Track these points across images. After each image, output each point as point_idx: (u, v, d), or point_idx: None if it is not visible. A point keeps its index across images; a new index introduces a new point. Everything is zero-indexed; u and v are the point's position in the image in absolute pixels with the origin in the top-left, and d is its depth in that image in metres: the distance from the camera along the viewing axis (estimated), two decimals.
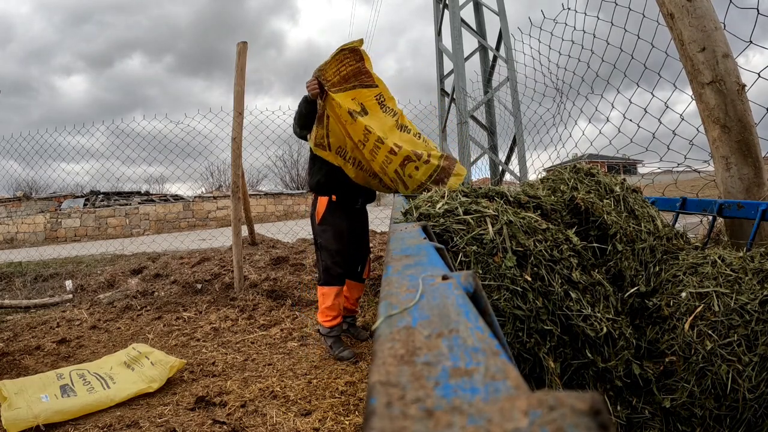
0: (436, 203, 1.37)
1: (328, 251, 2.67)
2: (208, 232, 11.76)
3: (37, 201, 14.00)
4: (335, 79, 2.43)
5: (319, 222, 2.70)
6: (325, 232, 2.68)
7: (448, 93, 6.26)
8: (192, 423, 2.02)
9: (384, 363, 0.31)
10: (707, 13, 2.29)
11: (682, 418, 1.30)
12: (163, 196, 15.23)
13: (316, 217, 2.71)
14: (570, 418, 0.22)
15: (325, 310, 2.66)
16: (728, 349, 1.27)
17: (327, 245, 2.67)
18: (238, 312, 3.71)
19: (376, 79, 2.55)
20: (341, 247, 2.69)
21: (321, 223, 2.69)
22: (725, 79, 2.25)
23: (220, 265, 4.83)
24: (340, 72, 2.44)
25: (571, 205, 1.74)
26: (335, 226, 2.68)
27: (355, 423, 1.95)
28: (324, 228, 2.68)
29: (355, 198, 2.74)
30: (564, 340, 1.23)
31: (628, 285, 1.59)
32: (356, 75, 2.48)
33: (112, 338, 3.36)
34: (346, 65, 2.45)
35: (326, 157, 2.55)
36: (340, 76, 2.44)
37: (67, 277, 5.37)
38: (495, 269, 1.18)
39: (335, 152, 2.54)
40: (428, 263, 0.60)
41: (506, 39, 5.66)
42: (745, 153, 2.27)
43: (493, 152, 6.04)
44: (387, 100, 2.56)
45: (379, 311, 0.43)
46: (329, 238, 2.67)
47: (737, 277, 1.40)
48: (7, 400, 2.11)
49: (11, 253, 9.40)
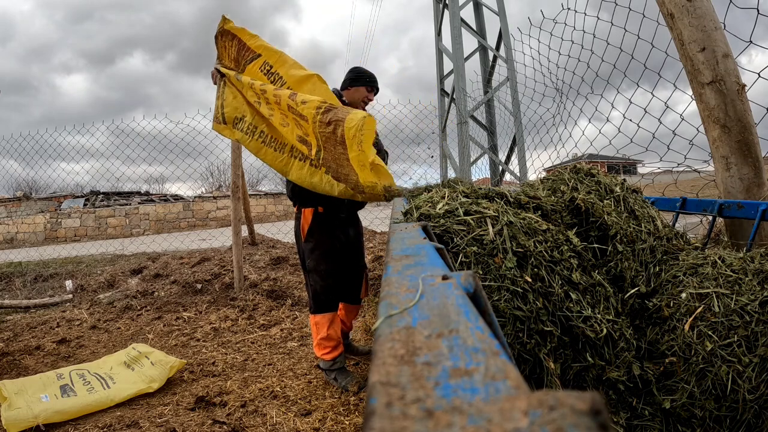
0: (436, 204, 1.37)
1: (318, 273, 2.33)
2: (208, 232, 11.77)
3: (37, 201, 14.00)
4: (231, 65, 2.35)
5: (305, 238, 2.35)
6: (314, 251, 2.34)
7: (448, 93, 6.26)
8: (192, 423, 2.02)
9: (384, 363, 0.31)
10: (707, 13, 2.29)
11: (682, 419, 1.30)
12: (163, 196, 15.24)
13: (302, 233, 2.36)
14: (570, 418, 0.22)
15: (322, 341, 2.32)
16: (728, 349, 1.27)
17: (316, 266, 2.33)
18: (238, 312, 3.71)
19: (259, 47, 2.29)
20: (332, 268, 2.35)
21: (307, 239, 2.34)
22: (725, 79, 2.25)
23: (220, 265, 4.83)
24: (230, 56, 2.35)
25: (571, 206, 1.74)
26: (324, 244, 2.34)
27: (355, 423, 1.95)
28: (311, 246, 2.34)
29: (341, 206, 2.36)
30: (564, 341, 1.23)
31: (629, 286, 1.59)
32: (239, 52, 2.34)
33: (112, 338, 3.36)
34: (228, 47, 2.35)
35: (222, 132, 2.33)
36: (230, 59, 2.35)
37: (67, 277, 5.37)
38: (495, 270, 1.19)
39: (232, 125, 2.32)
40: (428, 263, 0.60)
41: (506, 39, 5.67)
42: (745, 153, 2.27)
43: (493, 152, 6.04)
44: (275, 65, 2.27)
45: (379, 311, 0.43)
46: (318, 258, 2.33)
47: (737, 277, 1.40)
48: (7, 400, 2.11)
49: (11, 253, 9.40)
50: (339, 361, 2.35)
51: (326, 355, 2.33)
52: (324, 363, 2.37)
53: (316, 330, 2.36)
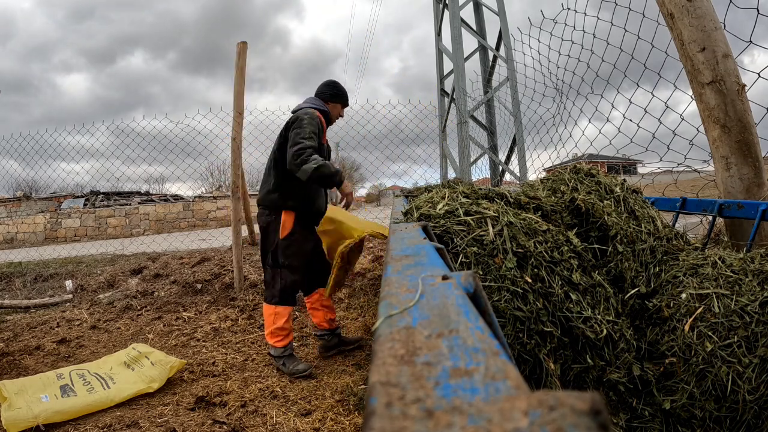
0: (436, 204, 1.37)
1: (290, 269, 2.54)
2: (208, 232, 11.77)
3: (37, 201, 14.00)
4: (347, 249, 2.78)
5: (284, 236, 2.54)
6: (289, 248, 2.55)
7: (448, 93, 6.27)
8: (192, 423, 2.02)
9: (384, 363, 0.31)
10: (707, 13, 2.29)
11: (682, 419, 1.30)
12: (163, 196, 15.24)
13: (281, 232, 2.55)
14: (570, 418, 0.22)
15: (277, 330, 2.53)
16: (728, 350, 1.27)
17: (290, 262, 2.54)
18: (238, 312, 3.71)
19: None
20: (304, 266, 2.60)
21: (287, 237, 2.54)
22: (725, 79, 2.25)
23: (220, 265, 4.83)
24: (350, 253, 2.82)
25: (571, 206, 1.74)
26: (300, 244, 2.58)
27: (355, 423, 1.95)
28: (288, 243, 2.54)
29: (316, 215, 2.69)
30: (564, 341, 1.23)
31: (629, 286, 1.59)
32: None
33: (112, 338, 3.36)
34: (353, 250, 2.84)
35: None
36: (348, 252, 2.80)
37: (67, 277, 5.37)
38: (495, 270, 1.19)
39: None
40: (428, 263, 0.60)
41: (506, 39, 5.67)
42: (745, 153, 2.27)
43: (493, 152, 6.05)
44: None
45: (379, 311, 0.43)
46: (293, 254, 2.55)
47: (737, 278, 1.40)
48: (7, 400, 2.11)
49: (11, 253, 9.40)
50: (288, 348, 2.59)
51: (278, 343, 2.56)
52: (275, 350, 2.57)
53: (273, 320, 2.56)
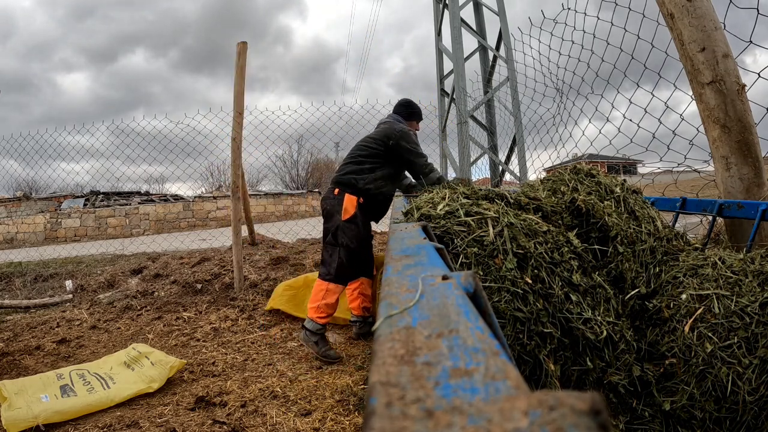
0: (437, 204, 1.37)
1: (348, 249, 2.63)
2: (208, 232, 11.76)
3: (37, 201, 13.99)
4: None
5: (346, 219, 2.64)
6: (350, 230, 2.64)
7: (448, 93, 6.27)
8: (192, 423, 2.02)
9: (384, 363, 0.31)
10: (707, 13, 2.29)
11: (682, 420, 1.30)
12: (163, 196, 15.23)
13: (344, 214, 2.65)
14: (570, 418, 0.22)
15: (324, 306, 2.60)
16: (728, 351, 1.27)
17: (349, 243, 2.63)
18: (238, 312, 3.71)
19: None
20: (360, 249, 2.68)
21: (348, 220, 2.64)
22: (725, 79, 2.25)
23: (220, 265, 4.83)
24: None
25: (571, 207, 1.74)
26: (360, 228, 2.67)
27: (355, 423, 1.95)
28: (350, 226, 2.64)
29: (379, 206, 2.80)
30: (564, 342, 1.23)
31: (629, 287, 1.59)
32: None
33: (112, 338, 3.36)
34: None
35: None
36: None
37: (67, 277, 5.37)
38: (495, 271, 1.18)
39: None
40: (428, 263, 0.60)
41: (506, 39, 5.67)
42: (745, 153, 2.27)
43: (493, 152, 6.04)
44: None
45: (379, 311, 0.43)
46: (353, 237, 2.63)
47: (737, 279, 1.40)
48: (7, 400, 2.11)
49: (11, 253, 9.39)
50: (324, 329, 2.65)
51: (321, 319, 2.60)
52: (314, 325, 2.60)
53: (322, 296, 2.61)
